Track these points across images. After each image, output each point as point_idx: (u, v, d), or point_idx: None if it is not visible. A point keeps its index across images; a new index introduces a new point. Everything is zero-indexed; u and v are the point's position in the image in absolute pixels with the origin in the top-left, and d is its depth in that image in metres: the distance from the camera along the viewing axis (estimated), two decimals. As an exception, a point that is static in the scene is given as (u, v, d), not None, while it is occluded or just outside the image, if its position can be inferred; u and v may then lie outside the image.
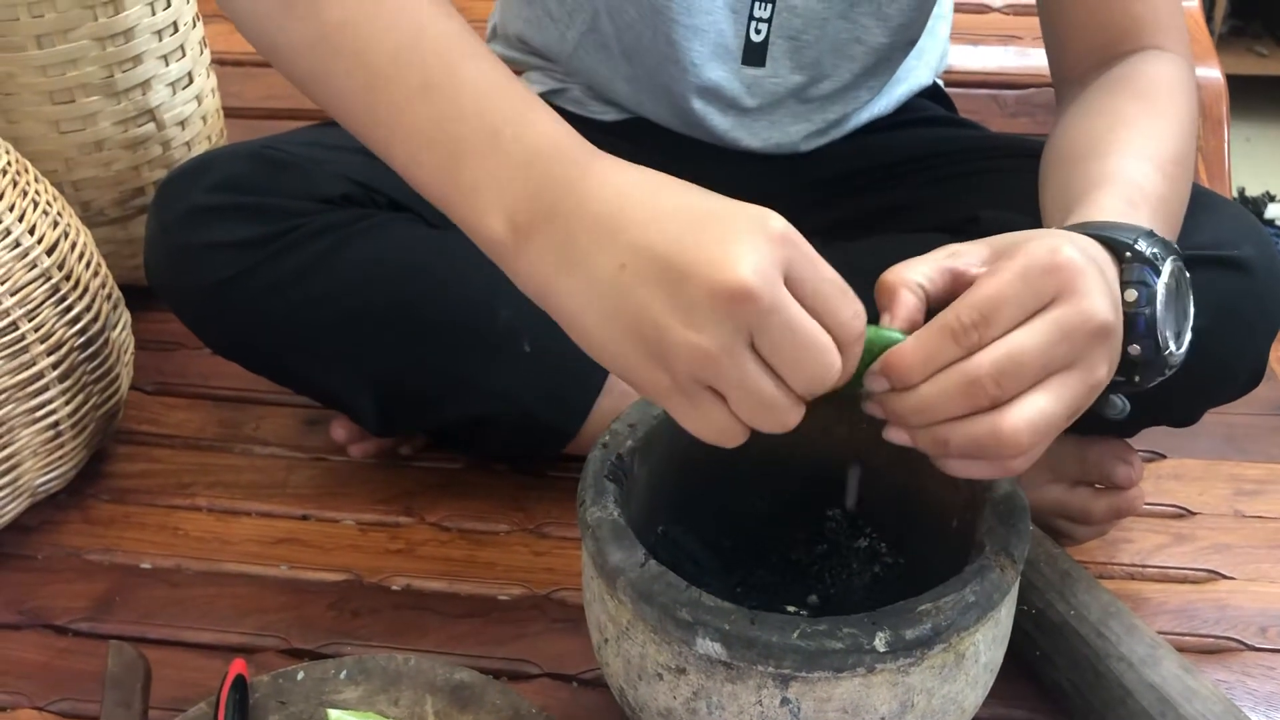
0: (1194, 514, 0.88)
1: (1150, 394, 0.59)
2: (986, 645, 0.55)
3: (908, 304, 0.51)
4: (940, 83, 1.01)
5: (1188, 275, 0.55)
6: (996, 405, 0.48)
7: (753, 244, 0.45)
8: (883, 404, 0.51)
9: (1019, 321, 0.48)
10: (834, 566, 0.68)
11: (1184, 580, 0.82)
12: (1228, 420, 0.95)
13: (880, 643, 0.50)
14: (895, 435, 0.52)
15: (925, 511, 0.64)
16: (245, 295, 0.78)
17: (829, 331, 0.46)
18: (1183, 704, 0.64)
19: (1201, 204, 0.70)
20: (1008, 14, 1.36)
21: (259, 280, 0.78)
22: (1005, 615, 0.56)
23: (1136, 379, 0.54)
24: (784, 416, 0.47)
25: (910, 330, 0.50)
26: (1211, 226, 0.70)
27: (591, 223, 0.48)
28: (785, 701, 0.52)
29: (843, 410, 0.59)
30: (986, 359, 0.47)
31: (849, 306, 0.47)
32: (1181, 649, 0.69)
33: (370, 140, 0.55)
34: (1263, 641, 0.77)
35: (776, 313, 0.45)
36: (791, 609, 0.66)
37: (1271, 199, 2.12)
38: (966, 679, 0.54)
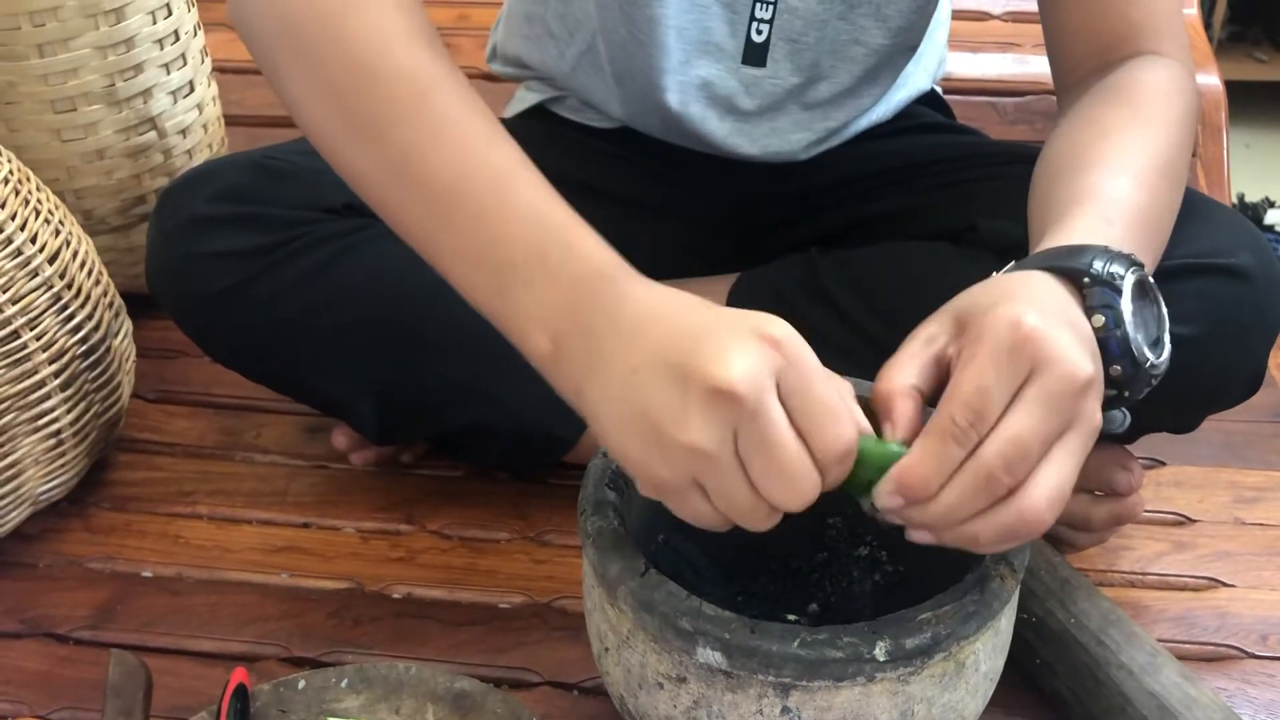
0: (1194, 521, 0.88)
1: (1149, 402, 0.59)
2: (987, 654, 0.55)
3: (906, 414, 0.52)
4: (939, 89, 1.01)
5: (1152, 281, 0.55)
6: (1012, 491, 0.49)
7: (747, 348, 0.48)
8: (904, 518, 0.52)
9: (1007, 402, 0.49)
10: (834, 575, 0.68)
11: (1184, 588, 0.82)
12: (1227, 427, 0.95)
13: (880, 652, 0.51)
14: (920, 537, 0.52)
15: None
16: (246, 304, 0.78)
17: (813, 450, 0.48)
18: (1183, 712, 0.64)
19: (1199, 212, 0.70)
20: (1007, 21, 1.36)
21: (260, 289, 0.78)
22: (1005, 624, 0.56)
23: (1126, 394, 0.54)
24: (756, 522, 0.50)
25: (912, 438, 0.51)
26: (1209, 234, 0.70)
27: (618, 336, 0.52)
28: (786, 710, 0.52)
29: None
30: (993, 453, 0.48)
31: (834, 424, 0.48)
32: (1181, 657, 0.69)
33: (426, 256, 0.59)
34: (1263, 649, 0.77)
35: (758, 419, 0.47)
36: (792, 617, 0.66)
37: (1271, 205, 2.12)
38: (967, 688, 0.54)
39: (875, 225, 0.89)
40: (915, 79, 0.95)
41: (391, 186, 0.59)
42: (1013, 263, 0.57)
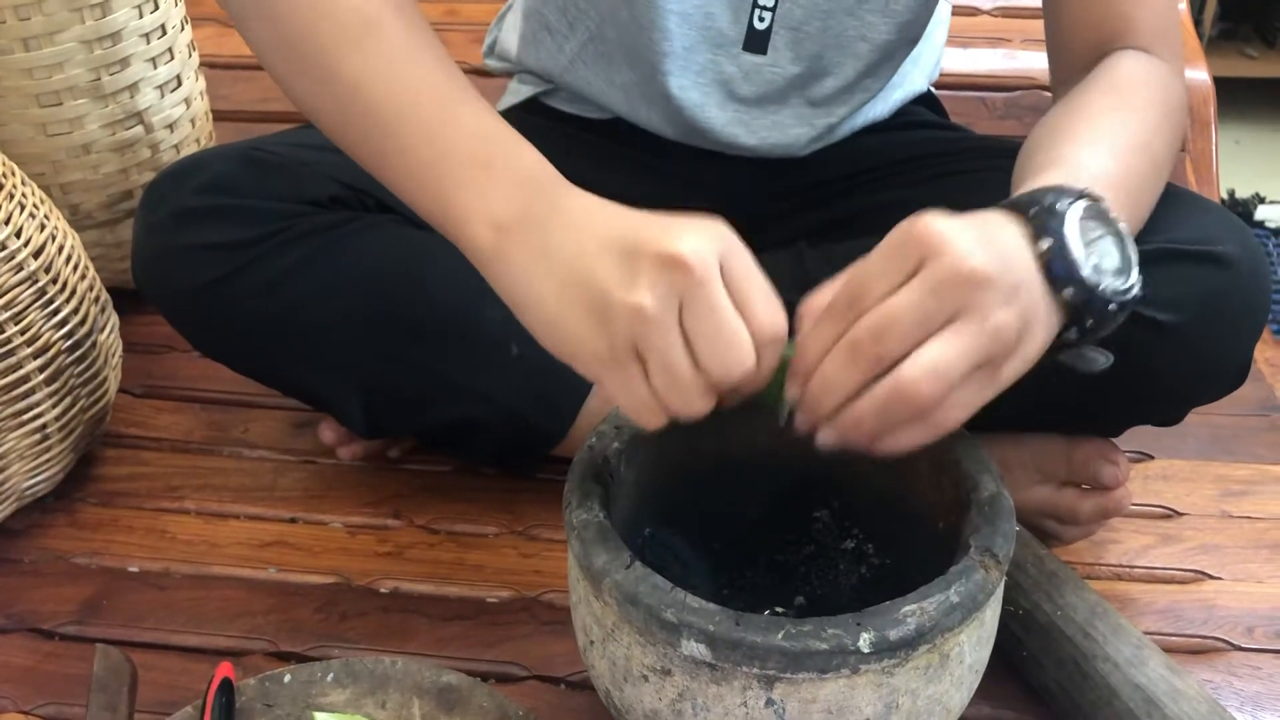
0: (1181, 514, 0.88)
1: (1135, 393, 0.59)
2: (971, 646, 0.55)
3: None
4: (933, 89, 1.01)
5: (1107, 210, 0.55)
6: (888, 368, 0.50)
7: (696, 230, 0.52)
8: (801, 406, 0.54)
9: (891, 290, 0.51)
10: (820, 568, 0.68)
11: (1170, 580, 0.83)
12: (1214, 421, 0.95)
13: (865, 643, 0.50)
14: (823, 437, 0.54)
15: (911, 513, 0.64)
16: (232, 297, 0.78)
17: (750, 327, 0.51)
18: (1169, 704, 0.64)
19: (1186, 203, 0.71)
20: (997, 16, 1.36)
21: (246, 282, 0.78)
22: (990, 616, 0.56)
23: (1089, 323, 0.54)
24: (692, 399, 0.52)
25: None
26: (1196, 223, 0.70)
27: (566, 221, 0.55)
28: (770, 703, 0.52)
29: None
30: (863, 323, 0.51)
31: (771, 307, 0.52)
32: (1168, 649, 0.69)
33: (379, 177, 0.63)
34: (1249, 641, 0.77)
35: (704, 287, 0.50)
36: (779, 610, 0.66)
37: (1261, 201, 2.13)
38: (951, 680, 0.54)
39: (866, 219, 0.88)
40: (913, 79, 0.95)
41: (344, 116, 0.63)
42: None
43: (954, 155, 0.89)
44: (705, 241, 0.51)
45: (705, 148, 0.88)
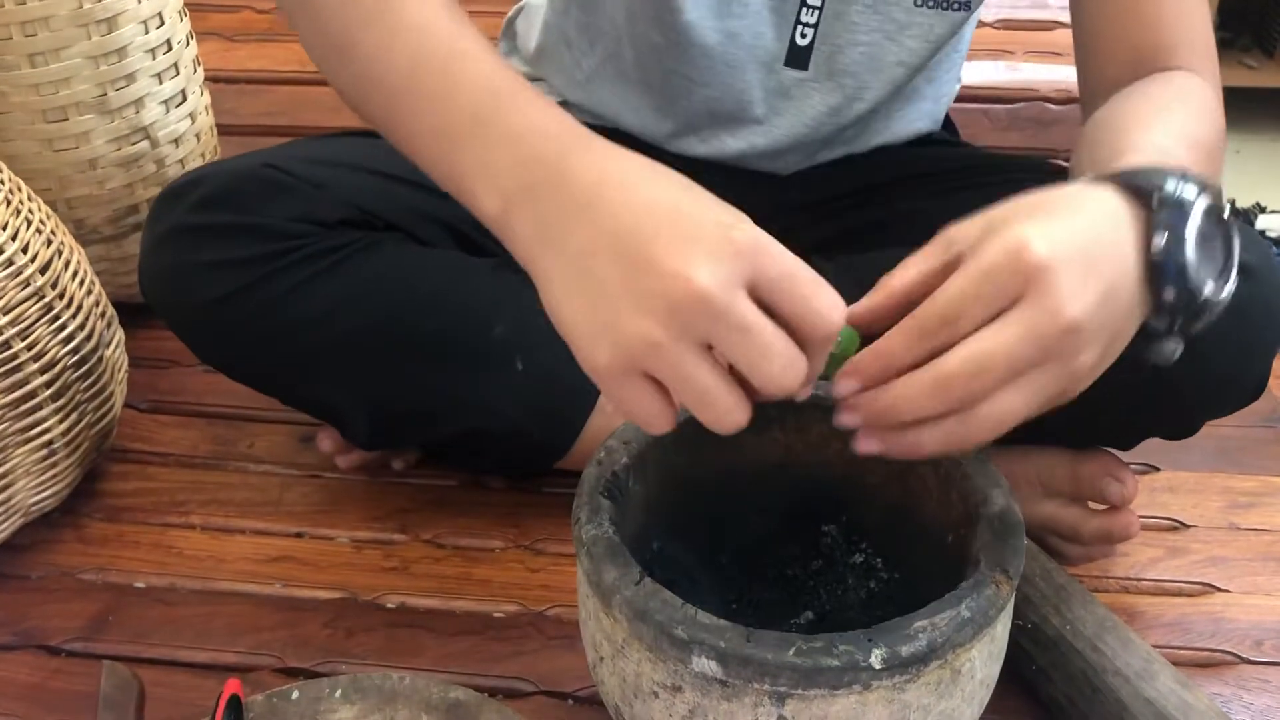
0: (1188, 527, 0.88)
1: (1152, 403, 0.58)
2: (983, 661, 0.55)
3: (885, 307, 0.52)
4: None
5: (1225, 211, 0.53)
6: (965, 405, 0.49)
7: (713, 252, 0.46)
8: (854, 406, 0.51)
9: (987, 319, 0.49)
10: (829, 582, 0.68)
11: (1179, 593, 0.82)
12: (1221, 433, 0.95)
13: (876, 659, 0.50)
14: (866, 445, 0.52)
15: (920, 527, 0.64)
16: (237, 314, 0.78)
17: (799, 326, 0.48)
18: (1179, 718, 0.64)
19: None
20: (999, 29, 1.36)
21: (252, 300, 0.78)
22: (1001, 631, 0.56)
23: (1177, 325, 0.53)
24: (724, 416, 0.48)
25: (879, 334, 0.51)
26: None
27: (567, 200, 0.50)
28: (781, 719, 0.52)
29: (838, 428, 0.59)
30: (955, 359, 0.48)
31: (818, 304, 0.48)
32: (1176, 663, 0.69)
33: (398, 145, 0.60)
34: (1258, 655, 0.77)
35: (727, 315, 0.46)
36: (793, 624, 0.66)
37: (1262, 210, 2.13)
38: (963, 695, 0.54)
39: (881, 231, 0.89)
40: (933, 111, 0.95)
41: (362, 90, 0.62)
42: (1092, 175, 0.55)
43: (969, 169, 0.90)
44: (723, 267, 0.46)
45: (714, 160, 0.88)
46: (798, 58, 0.83)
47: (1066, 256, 0.48)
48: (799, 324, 0.48)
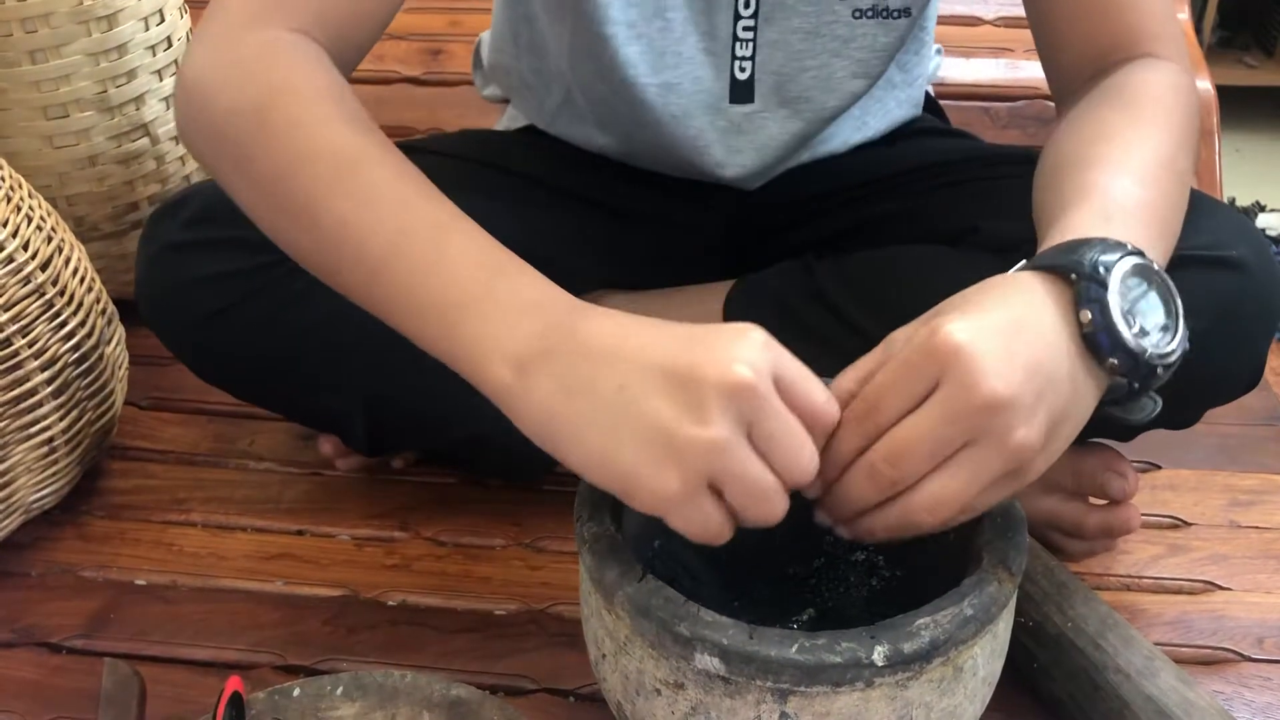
0: (1189, 524, 0.88)
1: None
2: (985, 658, 0.55)
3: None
4: (930, 90, 1.01)
5: (1154, 265, 0.54)
6: (900, 489, 0.51)
7: (746, 347, 0.50)
8: (821, 505, 0.55)
9: (910, 407, 0.51)
10: (831, 580, 0.68)
11: (1180, 591, 0.82)
12: (1221, 430, 0.95)
13: (879, 657, 0.50)
14: (840, 532, 0.56)
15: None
16: (231, 329, 0.78)
17: (805, 419, 0.51)
18: (1181, 716, 0.64)
19: (1198, 207, 0.70)
20: (999, 26, 1.36)
21: (246, 314, 0.78)
22: (1003, 628, 0.56)
23: (1137, 385, 0.54)
24: (775, 505, 0.51)
25: None
26: (1209, 228, 0.70)
27: (590, 353, 0.52)
28: (784, 716, 0.52)
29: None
30: (880, 447, 0.51)
31: (824, 401, 0.51)
32: (1178, 660, 0.69)
33: (378, 313, 0.59)
34: (1259, 652, 0.77)
35: (769, 401, 0.49)
36: (794, 623, 0.66)
37: (1262, 209, 2.13)
38: (965, 692, 0.54)
39: (871, 230, 0.89)
40: (911, 96, 0.95)
41: (333, 257, 0.60)
42: (1022, 262, 0.57)
43: (959, 164, 0.89)
44: (759, 355, 0.49)
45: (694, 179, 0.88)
46: (741, 93, 0.82)
47: (983, 338, 0.50)
48: (805, 418, 0.51)
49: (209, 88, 0.63)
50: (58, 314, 0.83)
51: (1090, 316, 0.52)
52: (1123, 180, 0.61)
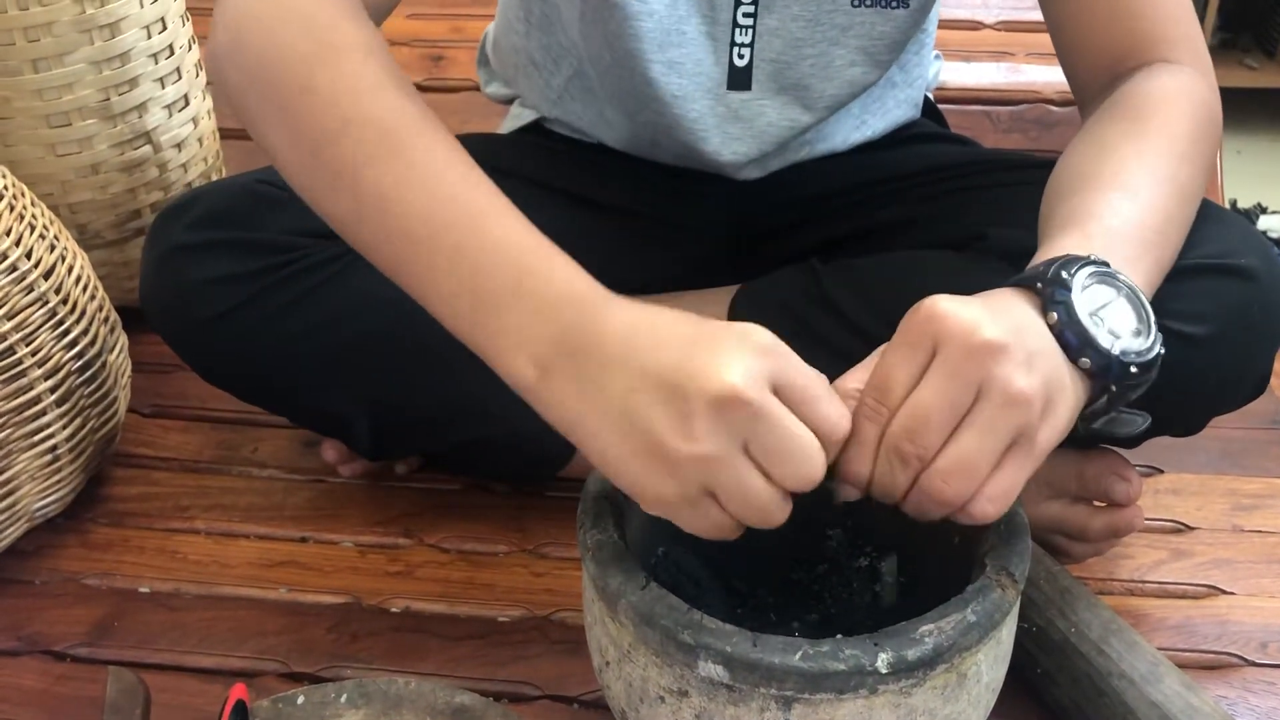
0: (1192, 529, 0.88)
1: (1161, 403, 0.59)
2: (989, 665, 0.55)
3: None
4: (930, 96, 1.01)
5: (1118, 274, 0.55)
6: (928, 461, 0.51)
7: (739, 356, 0.49)
8: (870, 502, 0.55)
9: (913, 383, 0.51)
10: (834, 586, 0.68)
11: (1183, 596, 0.82)
12: (1225, 434, 0.95)
13: (883, 664, 0.50)
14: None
15: (926, 530, 0.64)
16: (236, 330, 0.78)
17: (815, 431, 0.50)
18: (1185, 721, 0.64)
19: (1206, 216, 0.70)
20: (1000, 30, 1.36)
21: (251, 315, 0.78)
22: (1007, 634, 0.56)
23: (1114, 388, 0.54)
24: (772, 514, 0.51)
25: None
26: (1217, 236, 0.70)
27: (606, 355, 0.52)
28: (788, 723, 0.52)
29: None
30: (896, 426, 0.52)
31: (833, 409, 0.51)
32: (1182, 665, 0.69)
33: (410, 291, 0.60)
34: (1263, 657, 0.77)
35: (765, 416, 0.49)
36: (796, 629, 0.66)
37: (1263, 210, 2.13)
38: (969, 699, 0.54)
39: (875, 234, 0.89)
40: (911, 97, 0.95)
41: (369, 228, 0.60)
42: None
43: (963, 170, 0.89)
44: (755, 364, 0.49)
45: (697, 170, 0.88)
46: (738, 79, 0.83)
47: (968, 305, 0.52)
48: (812, 426, 0.50)
49: (255, 28, 0.63)
50: (61, 322, 0.83)
51: (1056, 317, 0.53)
52: (1116, 197, 0.61)
